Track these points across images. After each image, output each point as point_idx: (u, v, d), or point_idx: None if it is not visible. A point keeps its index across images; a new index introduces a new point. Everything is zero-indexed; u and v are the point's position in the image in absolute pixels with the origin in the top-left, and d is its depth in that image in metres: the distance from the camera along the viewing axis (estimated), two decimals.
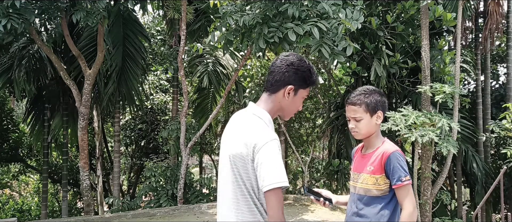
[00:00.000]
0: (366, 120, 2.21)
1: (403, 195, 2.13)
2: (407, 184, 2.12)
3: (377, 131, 2.26)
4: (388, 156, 2.14)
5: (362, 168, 2.25)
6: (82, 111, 7.75)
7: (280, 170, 1.69)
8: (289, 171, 12.01)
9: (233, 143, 1.83)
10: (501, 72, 13.10)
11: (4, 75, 8.62)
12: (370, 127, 2.22)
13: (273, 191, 1.67)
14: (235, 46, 6.59)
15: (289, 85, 1.86)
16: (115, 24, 9.05)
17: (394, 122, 5.59)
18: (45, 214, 10.13)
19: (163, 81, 14.53)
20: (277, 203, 1.68)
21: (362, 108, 2.21)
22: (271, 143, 1.72)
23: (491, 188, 5.99)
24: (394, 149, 2.17)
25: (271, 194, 1.67)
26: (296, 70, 1.86)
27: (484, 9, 9.87)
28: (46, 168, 10.33)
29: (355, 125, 2.24)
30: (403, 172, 2.11)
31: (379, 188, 2.16)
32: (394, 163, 2.12)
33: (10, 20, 5.92)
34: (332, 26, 5.25)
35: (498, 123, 6.36)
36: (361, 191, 2.23)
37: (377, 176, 2.16)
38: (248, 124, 1.82)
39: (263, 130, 1.77)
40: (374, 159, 2.19)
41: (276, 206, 1.68)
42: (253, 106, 1.89)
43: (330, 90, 11.56)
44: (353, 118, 2.24)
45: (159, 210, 7.41)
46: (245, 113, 1.90)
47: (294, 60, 1.88)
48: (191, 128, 8.73)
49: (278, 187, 1.67)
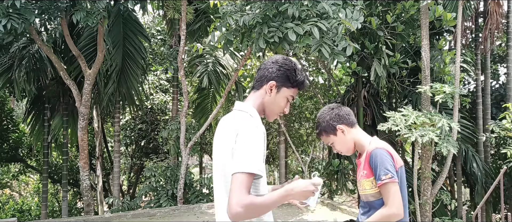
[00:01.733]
0: (336, 141, 2.26)
1: (385, 194, 2.06)
2: (387, 182, 2.03)
3: (355, 138, 2.25)
4: (369, 155, 2.12)
5: (359, 175, 2.26)
6: (82, 111, 7.75)
7: (253, 157, 1.64)
8: (289, 171, 12.00)
9: (220, 142, 1.84)
10: (501, 72, 13.11)
11: (4, 75, 8.62)
12: (344, 143, 2.26)
13: (238, 175, 1.60)
14: (235, 46, 6.59)
15: (271, 80, 1.87)
16: (115, 24, 9.05)
17: (394, 122, 5.59)
18: (45, 214, 10.13)
19: (163, 81, 14.53)
20: (237, 186, 1.58)
21: (324, 135, 2.28)
22: (252, 130, 1.70)
23: (491, 188, 6.00)
24: (374, 146, 2.13)
25: (235, 177, 1.61)
26: (279, 67, 1.87)
27: (484, 9, 9.87)
28: (46, 168, 10.32)
29: (335, 148, 2.31)
30: (383, 169, 2.04)
31: (376, 191, 2.12)
32: (374, 161, 2.09)
33: (10, 20, 5.92)
34: (332, 26, 5.25)
35: (498, 123, 6.37)
36: (363, 197, 2.23)
37: (371, 178, 2.13)
38: (232, 119, 1.83)
39: (245, 119, 1.77)
40: (364, 163, 2.19)
41: (234, 189, 1.58)
42: (237, 103, 1.92)
43: (330, 90, 11.57)
44: (329, 145, 2.33)
45: (159, 210, 7.41)
46: (230, 113, 1.92)
47: (279, 59, 1.91)
48: (191, 128, 8.73)
49: (245, 172, 1.60)
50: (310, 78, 11.83)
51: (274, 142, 12.41)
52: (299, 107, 11.93)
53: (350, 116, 2.27)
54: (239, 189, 1.58)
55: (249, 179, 1.61)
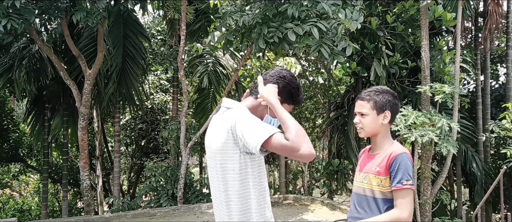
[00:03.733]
0: (372, 117, 2.17)
1: (401, 198, 2.03)
2: (408, 188, 2.02)
3: (384, 131, 2.21)
4: (395, 157, 2.07)
5: (367, 169, 2.20)
6: (82, 111, 7.76)
7: (262, 127, 1.67)
8: (289, 171, 12.01)
9: (212, 142, 1.86)
10: (501, 72, 13.11)
11: (5, 75, 8.62)
12: (375, 125, 2.18)
13: (267, 141, 1.62)
14: (235, 46, 6.60)
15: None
16: (115, 24, 9.05)
17: (394, 122, 5.59)
18: (45, 214, 10.14)
19: (163, 81, 14.54)
20: (278, 144, 1.61)
21: (369, 104, 2.18)
22: (245, 113, 1.75)
23: (491, 188, 6.00)
24: (403, 151, 2.11)
25: (267, 143, 1.62)
26: (286, 84, 1.89)
27: (484, 9, 9.87)
28: (46, 168, 10.33)
29: (360, 120, 2.21)
30: (406, 175, 2.03)
31: (383, 190, 2.10)
32: (399, 164, 2.05)
33: (10, 20, 5.93)
34: (331, 26, 5.25)
35: (498, 123, 6.37)
36: (365, 191, 2.19)
37: (382, 177, 2.11)
38: (221, 119, 1.86)
39: (235, 112, 1.80)
40: (381, 160, 2.14)
41: (279, 145, 1.61)
42: (226, 100, 1.92)
43: (330, 90, 11.58)
44: (359, 113, 2.22)
45: (159, 210, 7.42)
46: (219, 112, 1.94)
47: (286, 75, 1.92)
48: (191, 128, 8.74)
49: (268, 137, 1.62)
50: (310, 78, 11.84)
51: None
52: (299, 107, 11.94)
53: (397, 114, 2.26)
54: (282, 145, 1.60)
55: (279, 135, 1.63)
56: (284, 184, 9.75)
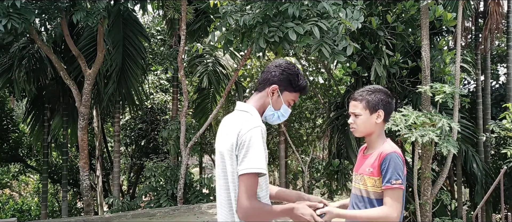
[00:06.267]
0: (365, 117, 2.19)
1: (390, 197, 2.04)
2: (396, 187, 2.03)
3: (377, 131, 2.21)
4: (385, 156, 2.09)
5: (362, 170, 2.22)
6: (82, 111, 7.75)
7: (258, 156, 1.71)
8: (289, 171, 12.01)
9: (221, 141, 1.89)
10: (501, 72, 13.11)
11: (4, 75, 8.62)
12: (368, 125, 2.19)
13: (246, 176, 1.70)
14: (235, 46, 6.58)
15: (274, 84, 1.92)
16: (115, 24, 9.04)
17: (394, 122, 5.59)
18: (45, 214, 10.12)
19: (163, 81, 14.53)
20: (247, 188, 1.69)
21: (362, 104, 2.19)
22: (254, 130, 1.76)
23: (491, 188, 5.99)
24: (392, 150, 2.11)
25: (242, 179, 1.70)
26: (282, 71, 1.92)
27: (484, 9, 9.86)
28: (46, 168, 10.32)
29: (354, 120, 2.23)
30: (395, 175, 2.04)
31: (377, 191, 2.11)
32: (389, 163, 2.06)
33: (10, 20, 5.91)
34: (332, 26, 5.25)
35: (498, 123, 6.36)
36: (361, 192, 2.20)
37: (375, 178, 2.12)
38: (233, 119, 1.89)
39: (247, 119, 1.82)
40: (374, 160, 2.15)
41: (244, 191, 1.69)
42: (239, 104, 1.96)
43: (330, 90, 11.56)
44: (352, 113, 2.23)
45: (159, 210, 7.41)
46: (232, 113, 1.97)
47: (282, 63, 1.96)
48: (191, 128, 8.72)
49: (252, 173, 1.69)
50: (310, 78, 11.83)
51: (274, 142, 12.40)
52: (299, 107, 11.93)
53: (392, 112, 2.27)
54: (250, 190, 1.70)
55: (256, 179, 1.72)
56: (284, 184, 9.75)
